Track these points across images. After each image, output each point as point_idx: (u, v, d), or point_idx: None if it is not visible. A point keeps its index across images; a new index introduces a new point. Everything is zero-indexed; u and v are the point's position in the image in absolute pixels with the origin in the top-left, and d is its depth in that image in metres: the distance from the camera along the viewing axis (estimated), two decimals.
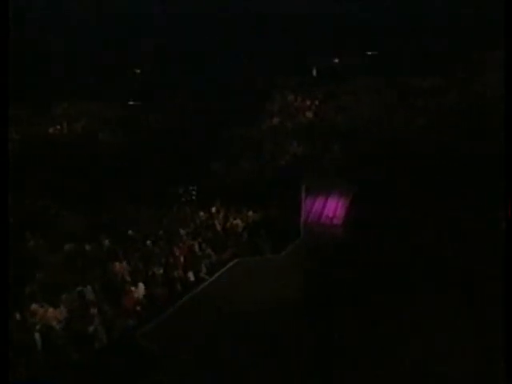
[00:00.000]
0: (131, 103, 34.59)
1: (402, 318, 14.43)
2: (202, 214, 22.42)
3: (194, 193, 25.72)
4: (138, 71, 39.03)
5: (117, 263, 16.14)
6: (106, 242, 18.33)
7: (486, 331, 13.42)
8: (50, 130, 32.25)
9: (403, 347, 13.12)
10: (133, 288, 15.03)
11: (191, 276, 16.50)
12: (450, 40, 32.53)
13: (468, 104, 29.20)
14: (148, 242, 18.43)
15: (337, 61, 37.90)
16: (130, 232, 19.31)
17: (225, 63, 34.42)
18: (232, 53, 34.52)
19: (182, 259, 17.20)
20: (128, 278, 15.71)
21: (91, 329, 12.60)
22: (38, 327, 12.11)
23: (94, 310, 13.44)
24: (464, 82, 31.47)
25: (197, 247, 18.52)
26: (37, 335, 11.79)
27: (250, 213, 22.28)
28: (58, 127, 32.63)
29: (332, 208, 22.69)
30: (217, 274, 16.67)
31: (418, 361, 12.58)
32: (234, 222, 21.31)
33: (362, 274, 16.73)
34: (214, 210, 22.66)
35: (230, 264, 17.35)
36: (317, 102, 34.37)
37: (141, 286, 15.21)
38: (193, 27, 35.33)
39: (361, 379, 12.01)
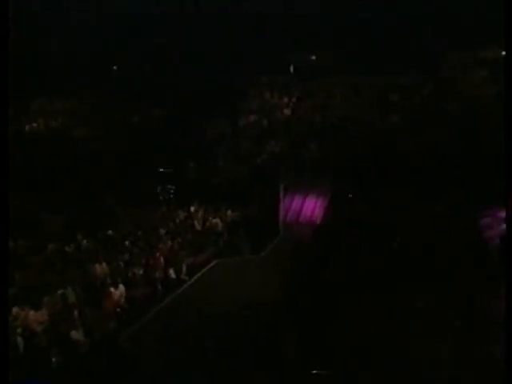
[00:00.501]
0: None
1: (383, 316, 14.69)
2: (180, 213, 22.46)
3: (172, 192, 25.74)
4: (115, 68, 38.76)
5: (97, 264, 16.05)
6: (85, 242, 18.21)
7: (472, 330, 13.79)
8: (27, 128, 31.93)
9: (385, 346, 13.38)
10: (113, 289, 14.97)
11: (172, 275, 16.52)
12: (435, 39, 32.96)
13: (443, 101, 29.73)
14: (127, 243, 18.35)
15: (314, 58, 38.05)
16: (109, 232, 19.21)
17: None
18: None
19: (161, 259, 17.18)
20: (108, 280, 15.65)
21: (73, 331, 12.57)
22: (19, 331, 12.01)
23: (75, 312, 13.39)
24: (443, 80, 31.98)
25: (177, 247, 18.56)
26: (19, 339, 11.73)
27: (229, 212, 22.39)
28: (35, 125, 32.32)
29: (310, 207, 22.94)
30: (197, 275, 16.73)
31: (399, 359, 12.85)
32: (214, 221, 21.37)
33: (341, 273, 16.99)
34: (193, 209, 22.71)
35: (210, 265, 17.44)
36: (294, 100, 34.50)
37: (121, 287, 15.17)
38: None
39: (344, 378, 12.22)
